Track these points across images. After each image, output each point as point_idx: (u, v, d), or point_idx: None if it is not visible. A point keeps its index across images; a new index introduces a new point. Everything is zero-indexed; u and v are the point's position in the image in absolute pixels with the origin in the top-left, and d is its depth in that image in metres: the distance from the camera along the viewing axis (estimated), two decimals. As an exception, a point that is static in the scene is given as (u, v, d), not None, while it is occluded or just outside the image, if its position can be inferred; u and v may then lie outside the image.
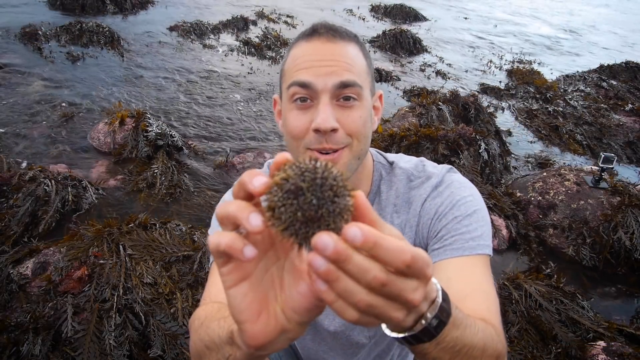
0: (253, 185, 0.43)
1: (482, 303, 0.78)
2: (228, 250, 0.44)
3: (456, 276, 0.82)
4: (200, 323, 0.74)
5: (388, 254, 0.40)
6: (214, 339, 0.65)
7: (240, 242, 0.43)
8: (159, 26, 7.06)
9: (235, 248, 0.43)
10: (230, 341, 0.59)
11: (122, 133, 3.68)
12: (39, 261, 2.31)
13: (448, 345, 0.57)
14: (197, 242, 2.57)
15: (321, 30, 0.89)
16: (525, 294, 2.44)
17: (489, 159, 3.63)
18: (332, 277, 0.39)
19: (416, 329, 0.51)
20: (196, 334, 0.73)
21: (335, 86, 0.84)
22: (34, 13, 6.75)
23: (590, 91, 5.89)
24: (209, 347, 0.67)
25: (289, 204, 0.40)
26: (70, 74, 4.98)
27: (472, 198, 0.93)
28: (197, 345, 0.71)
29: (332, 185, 0.41)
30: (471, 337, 0.61)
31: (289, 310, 0.47)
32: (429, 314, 0.52)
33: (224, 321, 0.65)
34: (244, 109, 4.72)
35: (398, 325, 0.48)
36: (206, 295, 0.87)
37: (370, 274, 0.40)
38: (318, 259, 0.39)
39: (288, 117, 0.89)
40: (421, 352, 0.57)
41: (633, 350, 2.12)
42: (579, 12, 12.95)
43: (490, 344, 0.66)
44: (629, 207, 2.99)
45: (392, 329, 0.54)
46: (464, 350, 0.60)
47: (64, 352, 1.87)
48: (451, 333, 0.56)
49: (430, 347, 0.55)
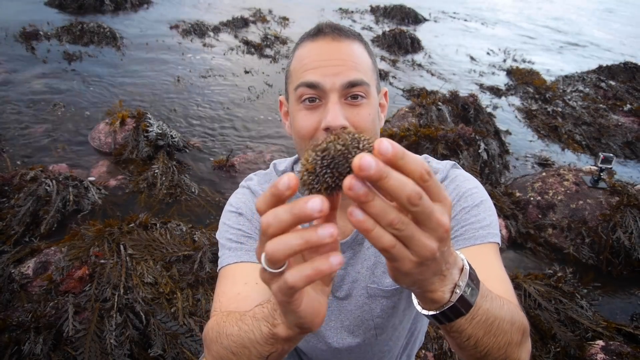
0: (285, 186, 0.43)
1: (499, 287, 0.79)
2: (329, 270, 0.45)
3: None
4: (218, 333, 0.73)
5: (414, 162, 0.42)
6: (244, 343, 0.65)
7: (327, 261, 0.45)
8: (159, 26, 7.07)
9: (329, 267, 0.45)
10: (271, 341, 0.61)
11: (123, 133, 3.69)
12: (40, 261, 2.32)
13: (482, 319, 0.59)
14: (197, 242, 2.58)
15: (326, 29, 0.89)
16: (524, 294, 2.45)
17: (488, 159, 3.64)
18: (370, 198, 0.42)
19: (453, 299, 0.54)
20: (216, 343, 0.73)
21: (344, 85, 0.85)
22: (34, 12, 6.76)
23: (589, 91, 5.90)
24: (236, 352, 0.67)
25: (320, 159, 0.45)
26: (71, 74, 4.99)
27: (478, 190, 0.94)
28: (221, 353, 0.71)
29: (353, 139, 0.46)
30: (499, 310, 0.63)
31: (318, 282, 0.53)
32: (461, 282, 0.55)
33: (247, 325, 0.66)
34: (245, 109, 4.73)
35: (434, 290, 0.52)
36: (217, 306, 0.87)
37: (408, 187, 0.42)
38: (357, 183, 0.41)
39: (296, 117, 0.90)
40: (457, 331, 0.59)
41: (631, 350, 2.13)
42: (581, 13, 12.98)
43: (517, 317, 0.68)
44: (627, 207, 3.00)
45: (431, 301, 0.55)
46: (496, 324, 0.61)
47: (65, 351, 1.88)
48: (483, 304, 0.59)
49: (466, 322, 0.57)
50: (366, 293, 0.99)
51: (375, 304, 1.00)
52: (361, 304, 1.01)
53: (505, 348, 0.64)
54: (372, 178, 0.41)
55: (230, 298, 0.86)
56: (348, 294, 1.02)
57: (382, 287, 0.98)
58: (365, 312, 1.01)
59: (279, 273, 0.46)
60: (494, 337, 0.62)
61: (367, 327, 1.05)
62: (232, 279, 0.91)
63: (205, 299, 2.24)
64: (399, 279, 0.51)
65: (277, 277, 0.47)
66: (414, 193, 0.42)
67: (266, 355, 0.63)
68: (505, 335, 0.64)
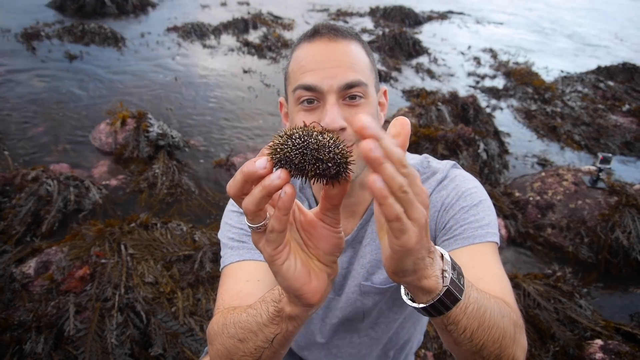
0: (258, 167, 0.49)
1: (496, 285, 0.81)
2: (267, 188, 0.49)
3: (469, 263, 0.85)
4: (223, 324, 0.75)
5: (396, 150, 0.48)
6: (251, 328, 0.68)
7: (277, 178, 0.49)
8: (159, 27, 7.08)
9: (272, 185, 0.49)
10: (277, 320, 0.64)
11: (124, 133, 3.70)
12: (41, 260, 2.33)
13: (474, 308, 0.62)
14: (197, 242, 2.59)
15: (323, 30, 0.90)
16: (523, 293, 2.46)
17: (487, 159, 3.65)
18: (384, 161, 0.46)
19: (446, 283, 0.58)
20: (221, 335, 0.74)
21: (341, 87, 0.86)
22: (36, 14, 6.77)
23: (588, 92, 5.91)
24: (244, 339, 0.69)
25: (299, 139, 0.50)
26: (72, 74, 5.00)
27: (477, 190, 0.95)
28: (227, 343, 0.72)
29: (334, 142, 0.51)
30: (487, 300, 0.66)
31: (324, 255, 0.58)
32: (446, 267, 0.60)
33: (255, 309, 0.69)
34: (245, 109, 4.74)
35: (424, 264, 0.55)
36: (220, 304, 0.88)
37: (398, 151, 0.47)
38: (377, 147, 0.45)
39: (295, 119, 0.91)
40: (454, 322, 0.61)
41: (630, 349, 2.14)
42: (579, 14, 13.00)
43: (505, 309, 0.70)
44: (626, 207, 3.01)
45: (428, 289, 0.58)
46: (487, 314, 0.64)
47: (66, 350, 1.89)
48: (472, 292, 0.62)
49: (460, 312, 0.60)
50: (359, 290, 1.01)
51: (368, 301, 1.01)
52: (353, 300, 1.02)
53: (500, 341, 0.66)
54: (375, 159, 0.45)
55: (232, 296, 0.87)
56: (341, 291, 1.03)
57: (376, 285, 0.99)
58: (357, 308, 1.02)
59: (262, 229, 0.54)
60: (488, 329, 0.64)
61: (359, 323, 1.06)
62: (235, 278, 0.92)
63: (205, 299, 2.25)
64: (402, 266, 0.54)
65: (261, 234, 0.54)
66: (403, 158, 0.48)
67: (271, 338, 0.65)
68: (498, 328, 0.66)
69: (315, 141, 0.49)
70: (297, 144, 0.49)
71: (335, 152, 0.49)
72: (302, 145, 0.49)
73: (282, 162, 0.49)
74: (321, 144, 0.49)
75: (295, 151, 0.49)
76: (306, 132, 0.50)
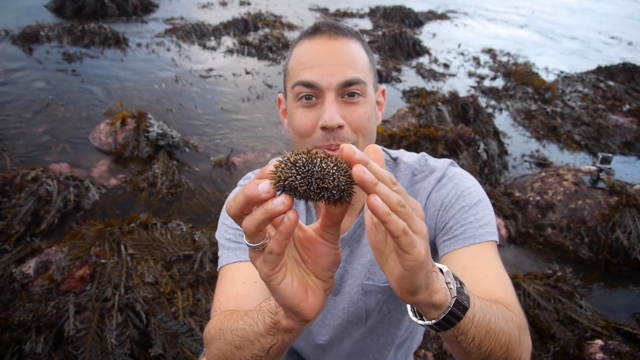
0: (261, 191, 0.48)
1: (498, 285, 0.81)
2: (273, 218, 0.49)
3: (470, 264, 0.85)
4: (220, 330, 0.75)
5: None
6: (248, 336, 0.68)
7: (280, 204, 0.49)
8: (159, 28, 7.09)
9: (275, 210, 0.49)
10: (273, 331, 0.64)
11: (124, 133, 3.70)
12: (41, 260, 2.32)
13: (480, 316, 0.62)
14: (197, 242, 2.59)
15: (323, 28, 0.90)
16: (524, 293, 2.46)
17: (487, 159, 3.65)
18: (377, 182, 0.48)
19: (452, 294, 0.59)
20: (218, 340, 0.74)
21: (340, 84, 0.86)
22: (35, 15, 6.77)
23: (588, 92, 5.91)
24: (240, 346, 0.69)
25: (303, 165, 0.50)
26: (71, 75, 5.00)
27: (476, 189, 0.95)
28: (224, 349, 0.72)
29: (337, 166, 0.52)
30: (489, 307, 0.67)
31: (321, 271, 0.58)
32: (448, 279, 0.60)
33: (252, 318, 0.68)
34: (245, 109, 4.73)
35: (427, 283, 0.55)
36: (217, 307, 0.88)
37: (386, 171, 0.50)
38: (367, 172, 0.47)
39: (294, 115, 0.91)
40: (463, 332, 0.61)
41: (630, 349, 2.13)
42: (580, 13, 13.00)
43: (507, 313, 0.71)
44: (626, 207, 3.01)
45: (439, 304, 0.59)
46: (493, 320, 0.65)
47: (66, 350, 1.89)
48: (476, 300, 0.63)
49: (469, 322, 0.61)
50: (361, 290, 1.00)
51: (370, 300, 1.01)
52: (356, 300, 1.01)
53: (507, 346, 0.67)
54: (369, 182, 0.47)
55: (229, 298, 0.87)
56: (343, 291, 1.02)
57: (378, 284, 0.99)
58: (359, 308, 1.02)
59: (260, 248, 0.53)
60: (495, 335, 0.65)
61: (361, 323, 1.05)
62: (231, 279, 0.92)
63: (205, 299, 2.24)
64: (416, 282, 0.54)
65: (259, 253, 0.54)
66: (400, 197, 0.49)
67: (268, 348, 0.65)
68: (503, 333, 0.66)
69: (319, 169, 0.49)
70: (302, 172, 0.49)
71: (339, 180, 0.50)
72: (307, 175, 0.49)
73: (287, 190, 0.49)
74: (325, 171, 0.49)
75: (300, 180, 0.49)
76: (309, 159, 0.50)
